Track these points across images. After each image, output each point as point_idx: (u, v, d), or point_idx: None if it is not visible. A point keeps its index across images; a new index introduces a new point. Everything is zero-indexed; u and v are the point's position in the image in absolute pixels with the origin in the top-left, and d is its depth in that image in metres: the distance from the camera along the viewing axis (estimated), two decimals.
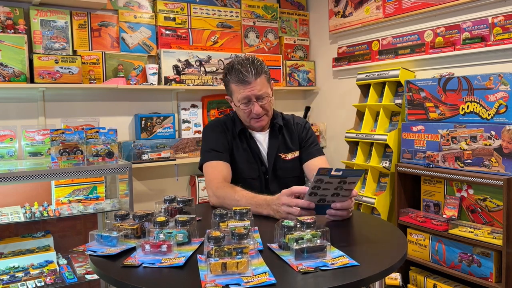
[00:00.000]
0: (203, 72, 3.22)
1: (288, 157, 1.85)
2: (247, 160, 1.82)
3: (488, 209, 2.31)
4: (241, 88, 1.71)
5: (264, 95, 1.73)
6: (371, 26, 3.16)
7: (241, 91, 1.72)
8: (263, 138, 1.86)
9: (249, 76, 1.69)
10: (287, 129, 1.90)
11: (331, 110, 3.61)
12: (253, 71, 1.69)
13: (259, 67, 1.71)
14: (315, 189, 1.34)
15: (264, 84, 1.73)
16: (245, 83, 1.70)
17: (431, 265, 2.46)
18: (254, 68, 1.70)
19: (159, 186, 3.15)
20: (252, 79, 1.69)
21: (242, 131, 1.84)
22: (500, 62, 2.41)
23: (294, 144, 1.88)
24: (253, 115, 1.75)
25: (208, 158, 1.79)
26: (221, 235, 1.06)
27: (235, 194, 1.59)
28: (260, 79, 1.71)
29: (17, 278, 2.33)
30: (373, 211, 2.89)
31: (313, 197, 1.37)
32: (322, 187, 1.33)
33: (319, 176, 1.30)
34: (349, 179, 1.35)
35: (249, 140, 1.84)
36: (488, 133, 2.19)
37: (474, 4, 2.50)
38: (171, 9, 3.13)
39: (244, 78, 1.69)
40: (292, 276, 1.00)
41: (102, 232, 1.22)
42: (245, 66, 1.70)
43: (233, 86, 1.74)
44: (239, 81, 1.70)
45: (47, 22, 2.70)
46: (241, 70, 1.69)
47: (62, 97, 2.80)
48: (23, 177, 2.18)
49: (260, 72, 1.71)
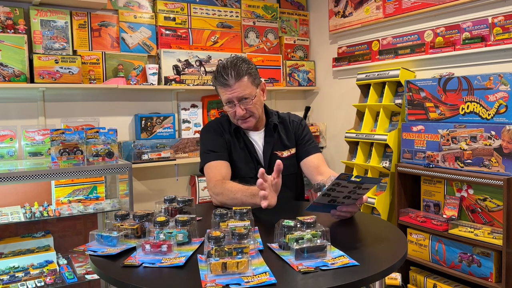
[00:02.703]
0: (203, 72, 3.22)
1: (285, 155, 1.87)
2: (245, 159, 1.84)
3: (488, 209, 2.31)
4: (223, 91, 1.75)
5: (247, 96, 1.74)
6: (371, 26, 3.16)
7: (223, 94, 1.75)
8: (258, 137, 1.88)
9: (230, 79, 1.71)
10: (283, 127, 1.91)
11: (331, 110, 3.61)
12: (234, 74, 1.71)
13: (240, 70, 1.72)
14: (330, 191, 1.33)
15: (247, 86, 1.74)
16: (226, 86, 1.73)
17: (431, 265, 2.46)
18: (235, 71, 1.71)
19: (159, 186, 3.15)
20: (233, 82, 1.71)
21: (236, 130, 1.86)
22: (500, 62, 2.41)
23: (290, 141, 1.90)
24: (238, 116, 1.77)
25: (207, 160, 1.81)
26: (221, 235, 1.06)
27: (232, 188, 1.62)
28: (241, 82, 1.72)
29: (17, 278, 2.33)
30: (373, 211, 2.89)
31: (325, 198, 1.37)
32: (338, 189, 1.33)
33: (338, 180, 1.29)
34: (365, 185, 1.35)
35: (245, 139, 1.86)
36: (488, 133, 2.19)
37: (474, 4, 2.50)
38: (171, 9, 3.13)
39: (224, 81, 1.72)
40: (292, 276, 1.00)
41: (102, 232, 1.23)
42: (227, 69, 1.72)
43: (219, 89, 1.78)
44: (221, 84, 1.74)
45: (47, 22, 2.70)
46: (222, 73, 1.72)
47: (62, 97, 2.80)
48: (23, 177, 2.18)
49: (242, 74, 1.72)
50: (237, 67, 1.72)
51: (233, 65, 1.73)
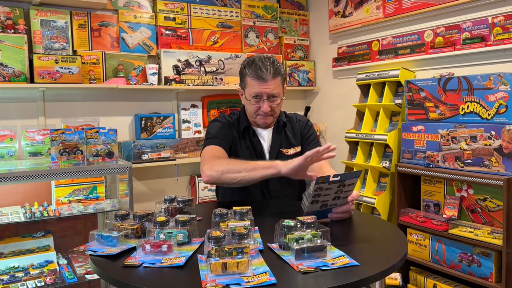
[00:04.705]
0: (203, 72, 3.22)
1: (290, 152, 1.89)
2: (250, 158, 1.84)
3: (488, 209, 2.31)
4: (256, 83, 1.74)
5: (277, 95, 1.77)
6: (371, 26, 3.16)
7: (255, 86, 1.75)
8: (267, 134, 1.90)
9: (267, 74, 1.72)
10: (290, 126, 1.94)
11: (331, 110, 3.61)
12: (272, 71, 1.73)
13: (278, 68, 1.76)
14: (316, 197, 1.34)
15: (278, 86, 1.77)
16: (261, 80, 1.73)
17: (431, 265, 2.46)
18: (274, 68, 1.74)
19: (159, 186, 3.15)
20: (269, 78, 1.73)
21: (246, 128, 1.88)
22: (500, 62, 2.41)
23: (296, 140, 1.92)
24: (261, 112, 1.79)
25: (209, 143, 1.82)
26: (221, 235, 1.06)
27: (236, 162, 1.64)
28: (276, 80, 1.75)
29: (17, 278, 2.33)
30: (373, 211, 2.89)
31: (315, 205, 1.37)
32: (323, 193, 1.34)
33: (318, 185, 1.30)
34: (348, 181, 1.35)
35: (252, 138, 1.87)
36: (488, 133, 2.19)
37: (474, 4, 2.50)
38: (171, 9, 3.13)
39: (261, 74, 1.72)
40: (293, 276, 1.00)
41: (103, 232, 1.23)
42: (265, 64, 1.74)
43: (249, 80, 1.77)
44: (256, 76, 1.74)
45: (47, 22, 2.70)
46: (260, 66, 1.73)
47: (62, 97, 2.80)
48: (23, 177, 2.18)
49: (278, 73, 1.76)
50: (275, 65, 1.75)
51: (272, 62, 1.76)
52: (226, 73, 3.31)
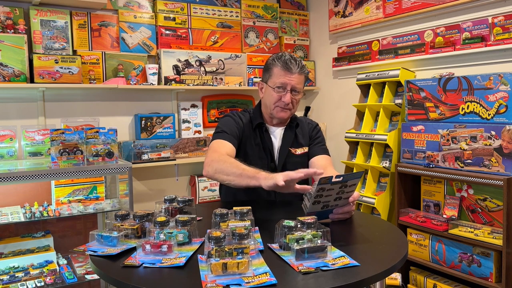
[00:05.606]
0: (203, 72, 3.22)
1: (298, 152, 1.93)
2: (258, 155, 1.89)
3: (488, 209, 2.31)
4: (283, 74, 1.82)
5: (299, 90, 1.86)
6: (371, 26, 3.16)
7: (281, 76, 1.82)
8: (279, 133, 1.94)
9: (295, 67, 1.82)
10: (300, 127, 2.00)
11: (331, 110, 3.61)
12: (299, 66, 1.84)
13: (304, 66, 1.86)
14: (318, 197, 1.34)
15: (302, 82, 1.87)
16: (289, 71, 1.82)
17: (431, 265, 2.46)
18: (301, 65, 1.85)
19: (159, 186, 3.15)
20: (296, 71, 1.82)
21: (259, 125, 1.92)
22: (500, 62, 2.41)
23: (305, 141, 1.97)
24: (281, 103, 1.84)
25: (217, 137, 1.86)
26: (221, 235, 1.06)
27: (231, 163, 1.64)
28: (301, 76, 1.85)
29: (17, 278, 2.33)
30: (373, 211, 2.89)
31: (316, 206, 1.37)
32: (325, 194, 1.34)
33: (320, 185, 1.30)
34: (350, 182, 1.35)
35: (263, 135, 1.91)
36: (488, 133, 2.19)
37: (474, 4, 2.50)
38: (171, 9, 3.13)
39: (290, 65, 1.82)
40: (293, 276, 1.00)
41: (103, 232, 1.22)
42: (294, 59, 1.85)
43: (276, 70, 1.84)
44: (285, 67, 1.82)
45: (47, 22, 2.69)
46: (290, 59, 1.84)
47: (62, 97, 2.80)
48: (23, 177, 2.18)
49: (304, 71, 1.86)
50: (302, 63, 1.86)
51: (300, 60, 1.86)
52: (226, 73, 3.31)
